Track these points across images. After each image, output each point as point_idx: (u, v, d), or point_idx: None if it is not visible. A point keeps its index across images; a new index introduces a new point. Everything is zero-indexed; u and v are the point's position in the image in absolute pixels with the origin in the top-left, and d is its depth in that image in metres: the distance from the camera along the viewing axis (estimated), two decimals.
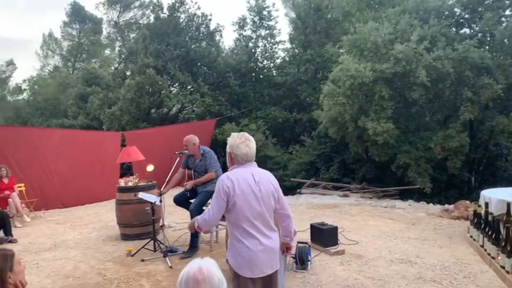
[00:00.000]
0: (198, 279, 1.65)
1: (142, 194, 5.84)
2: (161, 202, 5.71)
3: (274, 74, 18.54)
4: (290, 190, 13.49)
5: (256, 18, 17.99)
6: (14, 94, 31.18)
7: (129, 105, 16.00)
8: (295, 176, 13.98)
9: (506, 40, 10.78)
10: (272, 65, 18.64)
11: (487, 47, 11.61)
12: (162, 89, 16.16)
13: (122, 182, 6.80)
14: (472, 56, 10.33)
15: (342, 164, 14.14)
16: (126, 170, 13.13)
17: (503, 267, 4.47)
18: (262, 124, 15.68)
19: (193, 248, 5.69)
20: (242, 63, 17.40)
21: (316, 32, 16.75)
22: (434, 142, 11.05)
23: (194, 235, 5.69)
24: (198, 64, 17.86)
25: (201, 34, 18.03)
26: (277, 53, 18.45)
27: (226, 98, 17.26)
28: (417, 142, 11.39)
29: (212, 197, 5.59)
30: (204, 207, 5.86)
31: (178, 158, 5.92)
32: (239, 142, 2.91)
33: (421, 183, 11.05)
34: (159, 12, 18.07)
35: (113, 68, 25.43)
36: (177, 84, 17.91)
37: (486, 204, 5.46)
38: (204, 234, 6.02)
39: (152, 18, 19.62)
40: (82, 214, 9.46)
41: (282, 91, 17.57)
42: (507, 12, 11.61)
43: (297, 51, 17.60)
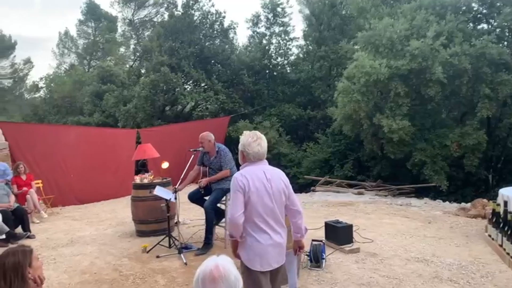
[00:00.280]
0: (214, 277, 1.66)
1: (157, 191, 5.87)
2: (176, 199, 5.75)
3: (288, 71, 18.48)
4: (304, 187, 13.47)
5: (270, 15, 17.92)
6: (31, 92, 31.69)
7: (143, 102, 16.11)
8: (309, 173, 13.93)
9: None
10: (286, 62, 18.56)
11: (506, 43, 11.40)
12: (176, 86, 16.23)
13: (137, 179, 6.86)
14: (490, 52, 10.16)
15: (357, 161, 14.06)
16: (141, 167, 13.21)
17: None
18: (276, 121, 15.65)
19: (207, 245, 5.71)
20: (255, 60, 17.37)
21: (330, 28, 16.63)
22: (450, 140, 10.91)
23: (209, 232, 5.71)
24: (212, 61, 17.88)
25: (215, 32, 18.03)
26: (291, 50, 18.39)
27: (240, 95, 17.26)
28: (433, 139, 11.26)
29: (225, 194, 5.68)
30: (218, 204, 5.90)
31: (193, 155, 5.94)
32: (251, 141, 3.01)
33: (437, 181, 10.93)
34: (173, 9, 18.20)
35: (128, 66, 25.64)
36: (191, 81, 17.98)
37: (505, 202, 5.37)
38: (217, 226, 6.05)
39: (166, 16, 19.75)
40: (98, 210, 9.57)
41: (296, 88, 17.50)
42: None
43: (311, 48, 17.49)
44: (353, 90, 11.27)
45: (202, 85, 17.55)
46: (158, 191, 5.86)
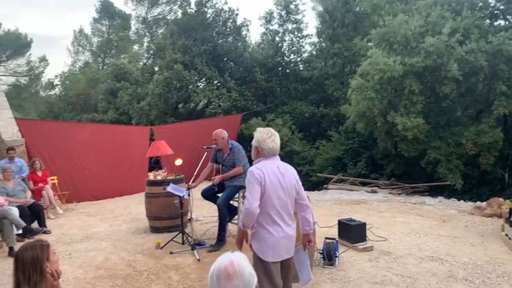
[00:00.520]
0: (229, 273, 1.66)
1: (170, 188, 5.91)
2: (189, 196, 5.78)
3: (301, 69, 18.40)
4: (316, 185, 13.43)
5: (283, 12, 17.85)
6: (46, 89, 32.12)
7: (157, 100, 16.21)
8: (322, 171, 13.88)
9: None
10: (299, 59, 18.48)
11: None
12: (189, 84, 16.29)
13: (151, 176, 6.91)
14: (507, 48, 9.99)
15: (370, 159, 13.96)
16: (154, 164, 13.34)
17: None
18: (289, 119, 15.61)
19: (220, 241, 5.73)
20: (268, 58, 17.34)
21: (344, 25, 16.52)
22: (465, 138, 10.77)
23: (222, 229, 5.73)
24: (225, 59, 17.90)
25: (228, 29, 18.03)
26: (304, 47, 18.27)
27: (253, 92, 17.25)
28: (448, 137, 11.13)
29: (238, 191, 5.70)
30: (231, 201, 5.92)
31: (206, 153, 5.96)
32: (266, 137, 3.14)
33: (451, 180, 10.80)
34: (187, 7, 18.22)
35: (141, 63, 25.82)
36: (204, 79, 18.01)
37: None
38: (230, 223, 6.08)
39: (179, 14, 19.79)
40: (112, 206, 9.67)
41: (309, 86, 17.43)
42: None
43: (324, 45, 17.38)
44: (367, 88, 11.19)
45: (215, 82, 17.58)
46: (172, 188, 5.90)
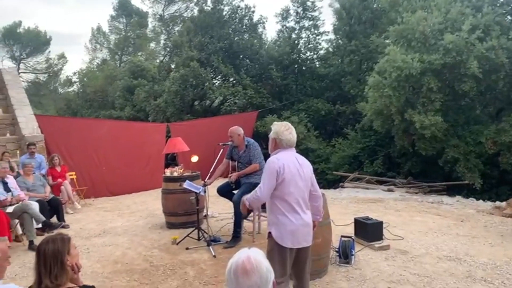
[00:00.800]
0: (247, 268, 1.66)
1: (186, 185, 5.95)
2: (205, 192, 5.81)
3: (317, 66, 18.30)
4: (332, 183, 13.36)
5: (299, 9, 17.78)
6: (65, 86, 32.65)
7: (173, 97, 16.31)
8: (338, 169, 13.80)
9: None
10: (315, 56, 18.39)
11: None
12: (206, 81, 16.35)
13: (167, 172, 6.97)
14: None
15: (387, 158, 13.82)
16: (170, 160, 13.44)
17: None
18: (304, 116, 15.55)
19: (236, 238, 5.75)
20: (284, 55, 17.29)
21: (361, 22, 16.36)
22: (485, 136, 10.58)
23: (237, 226, 5.75)
24: (241, 56, 17.91)
25: (244, 26, 18.04)
26: (320, 44, 18.18)
27: (268, 90, 17.23)
28: (466, 136, 10.95)
29: (254, 188, 5.69)
30: None
31: (222, 150, 5.98)
32: (284, 129, 3.31)
33: (470, 179, 10.63)
34: (203, 5, 18.25)
35: (158, 61, 26.00)
36: (219, 76, 18.07)
37: None
38: (246, 220, 6.10)
39: (196, 11, 19.85)
40: (129, 202, 9.78)
41: (325, 83, 17.34)
42: None
43: (341, 42, 17.25)
44: (384, 85, 11.07)
45: (231, 80, 17.61)
46: (188, 185, 5.94)
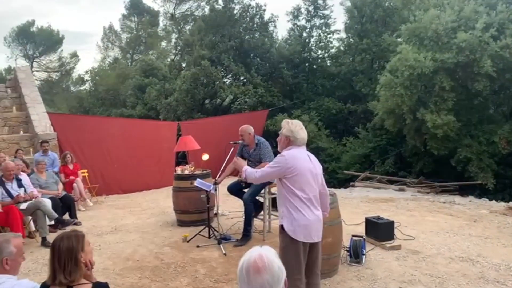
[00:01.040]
0: (259, 266, 1.66)
1: (198, 182, 5.97)
2: (215, 190, 5.83)
3: (328, 64, 18.23)
4: (343, 182, 13.31)
5: (310, 8, 17.73)
6: (77, 84, 32.99)
7: (184, 96, 16.37)
8: (349, 168, 13.74)
9: None
10: (326, 55, 18.33)
11: None
12: (216, 80, 16.38)
13: (179, 170, 7.00)
14: None
15: (398, 157, 13.73)
16: (181, 158, 13.49)
17: None
18: (315, 115, 15.51)
19: (246, 237, 5.75)
20: (295, 54, 17.25)
21: (373, 21, 16.26)
22: (498, 136, 10.48)
23: (248, 224, 5.75)
24: (252, 55, 17.91)
25: (255, 25, 18.03)
26: (331, 42, 18.10)
27: (279, 88, 17.20)
28: (479, 135, 10.84)
29: (264, 187, 5.70)
30: (257, 197, 5.93)
31: (232, 148, 5.99)
32: (299, 128, 3.38)
33: (483, 179, 10.53)
34: (214, 3, 18.27)
35: (169, 59, 26.12)
36: (230, 75, 18.10)
37: None
38: (256, 219, 6.10)
39: (207, 10, 19.89)
40: (140, 200, 9.84)
41: (336, 82, 17.26)
42: None
43: (352, 41, 17.15)
44: (396, 84, 11.00)
45: (241, 78, 17.63)
46: (199, 183, 5.96)
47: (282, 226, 3.31)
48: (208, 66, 15.87)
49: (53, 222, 6.52)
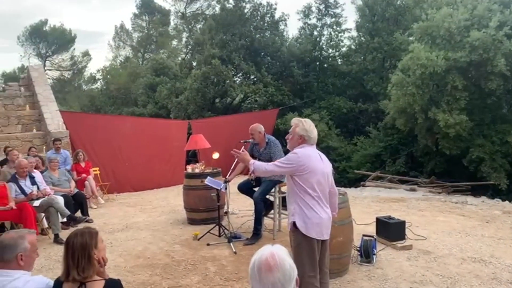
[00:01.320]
0: (270, 265, 1.66)
1: (208, 181, 5.99)
2: (226, 189, 5.84)
3: (339, 63, 18.17)
4: (353, 182, 13.25)
5: (321, 6, 17.69)
6: (88, 83, 33.27)
7: (195, 94, 16.42)
8: (359, 168, 13.68)
9: None
10: (337, 53, 18.27)
11: None
12: (227, 79, 16.41)
13: (189, 169, 7.03)
14: None
15: (410, 157, 13.64)
16: (191, 157, 13.55)
17: None
18: (326, 114, 15.46)
19: (256, 235, 5.75)
20: (306, 52, 17.21)
21: (384, 19, 16.17)
22: None
23: (258, 223, 5.75)
24: (262, 53, 17.90)
25: (265, 24, 18.01)
26: (342, 41, 18.07)
27: (289, 87, 17.17)
28: (492, 135, 10.73)
29: (275, 186, 5.69)
30: (267, 195, 5.93)
31: (243, 147, 5.99)
32: (312, 127, 3.40)
33: (495, 179, 10.42)
34: (225, 2, 18.29)
35: (180, 58, 26.19)
36: (240, 74, 18.11)
37: None
38: (266, 217, 6.10)
39: (217, 9, 19.92)
40: (151, 198, 9.90)
41: (347, 81, 17.19)
42: None
43: (363, 39, 17.06)
44: (407, 83, 10.93)
45: (252, 77, 17.63)
46: (209, 181, 5.98)
47: (294, 224, 3.30)
48: (218, 65, 15.89)
49: (65, 219, 6.59)
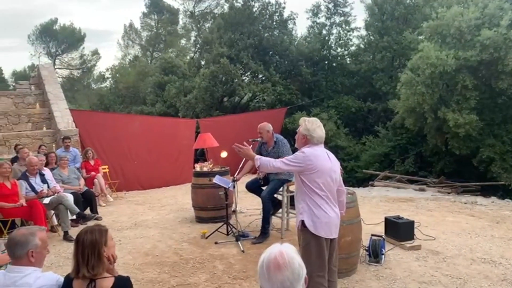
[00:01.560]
0: (279, 263, 1.67)
1: (217, 179, 6.00)
2: (234, 187, 5.85)
3: (348, 62, 18.07)
4: (362, 182, 13.20)
5: (330, 5, 17.60)
6: (98, 82, 33.54)
7: (203, 93, 16.44)
8: (368, 167, 13.61)
9: None
10: (346, 52, 18.16)
11: None
12: (235, 78, 16.41)
13: (197, 167, 7.05)
14: None
15: (419, 156, 13.55)
16: (199, 156, 13.58)
17: None
18: (334, 113, 15.40)
19: (264, 234, 5.76)
20: (314, 51, 17.15)
21: (393, 18, 16.06)
22: None
23: (266, 222, 5.75)
24: (270, 52, 17.87)
25: (274, 23, 17.97)
26: (351, 40, 17.94)
27: (298, 86, 17.14)
28: (503, 135, 10.63)
29: (282, 185, 5.68)
30: (275, 194, 5.93)
31: (251, 146, 5.99)
32: (316, 126, 3.37)
33: (506, 180, 10.33)
34: (233, 1, 18.29)
35: (188, 57, 26.25)
36: (249, 72, 18.09)
37: None
38: (274, 216, 6.09)
39: (226, 8, 19.93)
40: (159, 196, 9.94)
41: (356, 80, 17.10)
42: None
43: (372, 38, 16.94)
44: (417, 82, 10.85)
45: (260, 76, 17.61)
46: (218, 180, 6.00)
47: (303, 222, 3.31)
48: (227, 63, 15.90)
49: (74, 217, 6.65)
